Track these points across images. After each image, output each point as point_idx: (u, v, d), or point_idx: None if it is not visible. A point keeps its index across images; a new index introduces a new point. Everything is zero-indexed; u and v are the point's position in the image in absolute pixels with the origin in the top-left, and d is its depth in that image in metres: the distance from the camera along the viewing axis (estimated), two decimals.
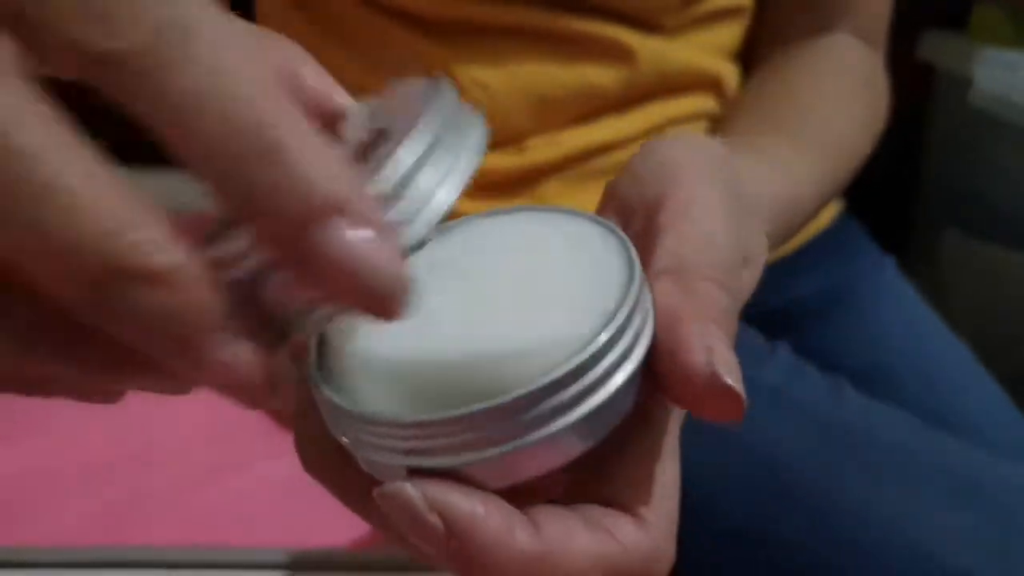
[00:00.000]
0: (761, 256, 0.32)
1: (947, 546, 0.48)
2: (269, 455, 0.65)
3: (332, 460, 0.26)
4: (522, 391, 0.22)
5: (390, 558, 0.49)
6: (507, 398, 0.22)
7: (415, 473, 0.23)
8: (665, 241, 0.27)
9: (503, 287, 0.26)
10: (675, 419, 0.27)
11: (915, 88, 1.32)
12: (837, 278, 0.73)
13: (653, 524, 0.25)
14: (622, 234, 0.27)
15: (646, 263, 0.26)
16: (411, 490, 0.22)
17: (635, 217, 0.29)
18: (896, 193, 1.39)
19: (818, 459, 0.52)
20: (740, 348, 0.59)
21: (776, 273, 0.70)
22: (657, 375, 0.25)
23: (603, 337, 0.23)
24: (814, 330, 0.70)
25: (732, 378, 0.24)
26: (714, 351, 0.24)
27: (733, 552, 0.52)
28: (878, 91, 0.63)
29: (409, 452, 0.23)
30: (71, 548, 0.48)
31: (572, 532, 0.24)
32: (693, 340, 0.24)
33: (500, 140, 0.61)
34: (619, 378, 0.24)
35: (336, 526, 0.58)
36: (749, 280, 0.31)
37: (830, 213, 0.75)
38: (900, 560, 0.48)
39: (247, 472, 0.62)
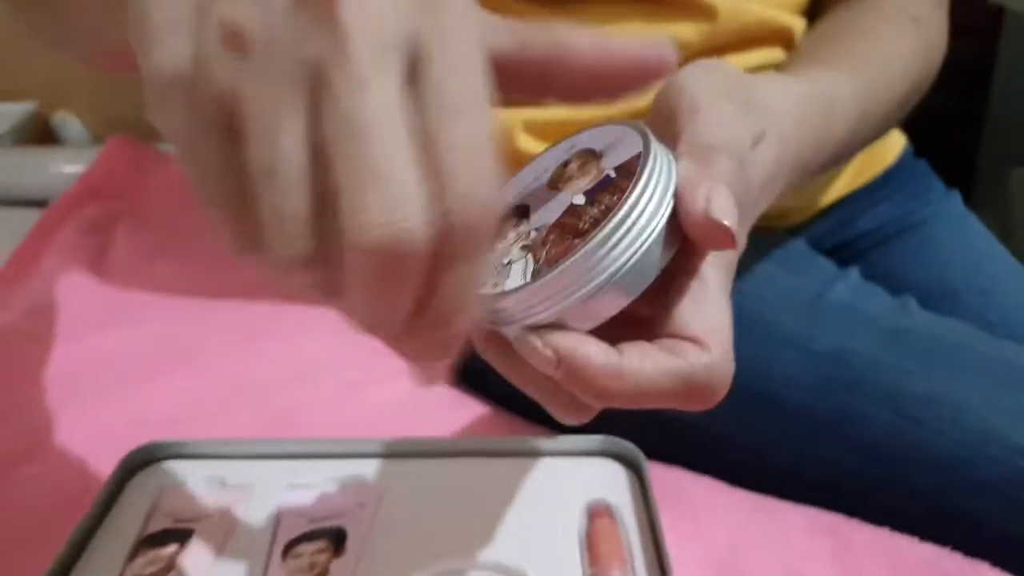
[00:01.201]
0: (776, 136, 0.39)
1: (1008, 425, 0.55)
2: (398, 374, 0.75)
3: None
4: (577, 255, 0.31)
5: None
6: (570, 260, 0.31)
7: (532, 329, 0.32)
8: (682, 135, 0.35)
9: None
10: (715, 267, 0.35)
11: (984, 29, 1.35)
12: (905, 210, 0.78)
13: (711, 346, 0.33)
14: (642, 127, 0.34)
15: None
16: (531, 337, 0.32)
17: (663, 130, 0.37)
18: (962, 133, 1.42)
19: (886, 357, 0.58)
20: (813, 271, 0.66)
21: (846, 208, 0.77)
22: (684, 227, 0.33)
23: (631, 199, 0.31)
24: (882, 258, 0.77)
25: (725, 217, 0.31)
26: (711, 199, 0.32)
27: (812, 440, 0.59)
28: (930, 30, 0.66)
29: (524, 316, 0.32)
30: (242, 440, 0.56)
31: (647, 352, 0.32)
32: (698, 193, 0.32)
33: None
34: (654, 225, 0.32)
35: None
36: (765, 152, 0.38)
37: (897, 150, 0.81)
38: (965, 437, 0.55)
39: (384, 387, 0.72)
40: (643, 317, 0.34)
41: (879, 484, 0.57)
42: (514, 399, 0.69)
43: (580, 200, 0.34)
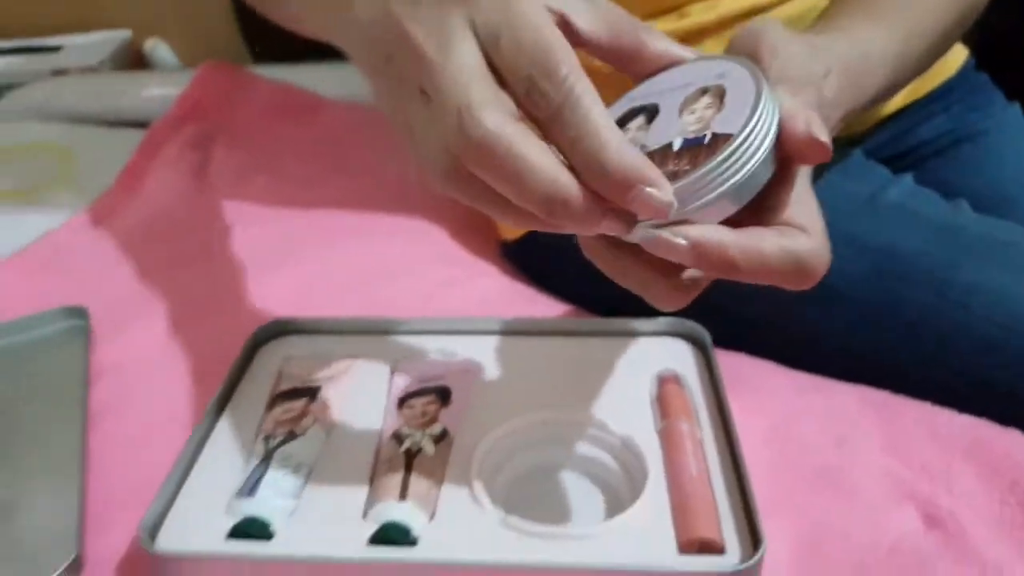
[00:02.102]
0: (836, 71, 0.46)
1: None
2: (485, 274, 0.82)
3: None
4: (705, 168, 0.37)
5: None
6: (699, 172, 0.37)
7: (659, 227, 0.38)
8: (769, 71, 0.42)
9: None
10: (804, 175, 0.42)
11: None
12: (963, 121, 0.82)
13: (814, 232, 0.40)
14: (751, 64, 0.40)
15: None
16: (663, 233, 0.37)
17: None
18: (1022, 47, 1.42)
19: (936, 251, 0.63)
20: (869, 177, 0.70)
21: (905, 119, 0.82)
22: (786, 145, 0.39)
23: (749, 125, 0.37)
24: (937, 167, 0.80)
25: (822, 135, 0.38)
26: (811, 122, 0.39)
27: (863, 325, 0.64)
28: None
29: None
30: (356, 318, 0.64)
31: (763, 234, 0.39)
32: (799, 118, 0.39)
33: (663, 9, 0.73)
34: (766, 145, 0.38)
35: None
36: (834, 84, 0.45)
37: (958, 63, 0.84)
38: (1007, 321, 0.60)
39: (468, 284, 0.79)
40: (740, 222, 0.40)
41: (924, 364, 0.62)
42: (588, 297, 0.76)
43: (705, 130, 0.39)
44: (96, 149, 1.14)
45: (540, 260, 0.83)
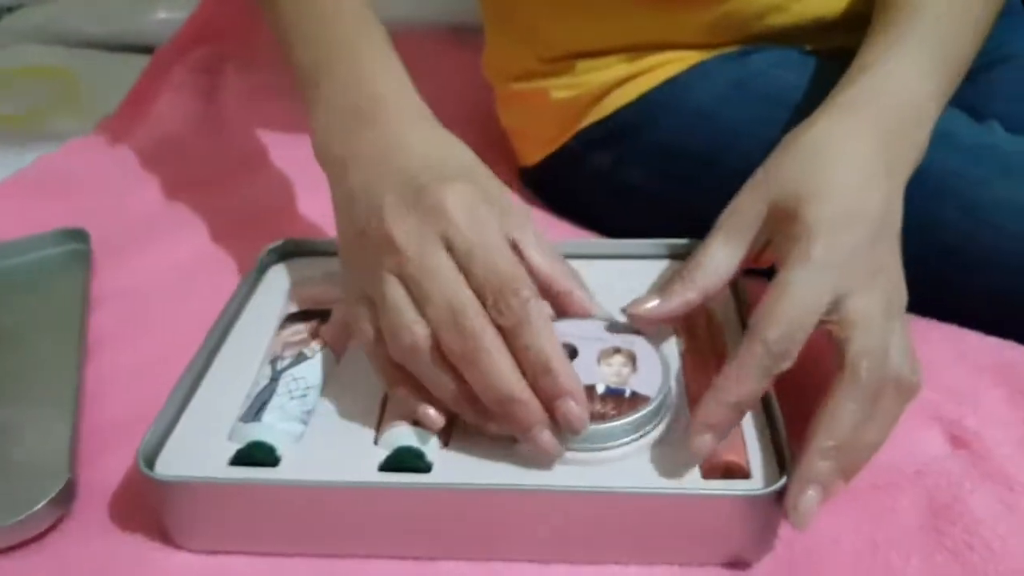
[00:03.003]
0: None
1: None
2: None
3: None
4: (632, 417, 0.46)
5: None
6: (628, 418, 0.46)
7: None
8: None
9: None
10: None
11: None
12: (994, 44, 0.77)
13: None
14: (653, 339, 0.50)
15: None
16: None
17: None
18: None
19: (965, 170, 0.61)
20: None
21: None
22: None
23: (663, 392, 0.47)
24: (967, 92, 0.76)
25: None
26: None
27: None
28: None
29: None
30: None
31: None
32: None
33: None
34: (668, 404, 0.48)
35: None
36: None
37: None
38: None
39: None
40: None
41: (953, 286, 0.60)
42: (606, 220, 0.74)
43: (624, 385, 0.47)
44: (101, 74, 1.12)
45: (558, 184, 0.81)
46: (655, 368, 0.48)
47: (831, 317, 0.44)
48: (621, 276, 0.57)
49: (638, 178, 0.73)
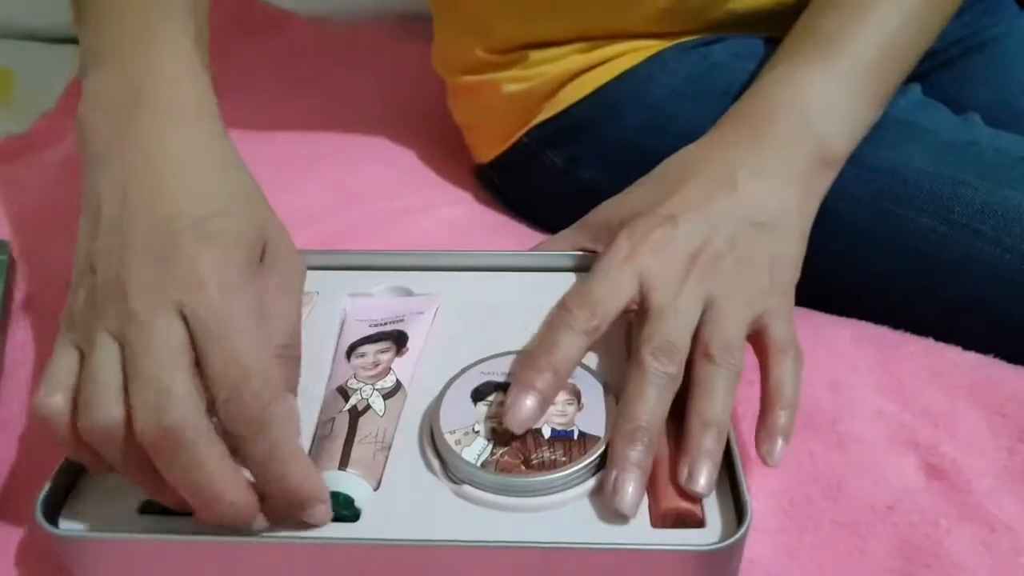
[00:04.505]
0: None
1: None
2: (456, 200, 0.76)
3: None
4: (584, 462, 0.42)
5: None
6: (581, 463, 0.42)
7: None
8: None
9: None
10: None
11: None
12: (973, 28, 0.75)
13: None
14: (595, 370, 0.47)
15: None
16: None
17: None
18: None
19: (943, 170, 0.57)
20: None
21: None
22: None
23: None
24: (946, 80, 0.73)
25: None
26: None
27: (861, 253, 0.59)
28: None
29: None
30: (304, 251, 0.57)
31: None
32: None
33: None
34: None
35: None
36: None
37: None
38: (1021, 245, 0.54)
39: (432, 212, 0.73)
40: None
41: (927, 295, 0.57)
42: (562, 218, 0.70)
43: (571, 426, 0.44)
44: (39, 69, 1.06)
45: (514, 183, 0.77)
46: (599, 403, 0.45)
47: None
48: (539, 290, 0.53)
49: (594, 177, 0.70)
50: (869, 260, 0.59)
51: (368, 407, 0.46)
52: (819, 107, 0.54)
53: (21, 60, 1.09)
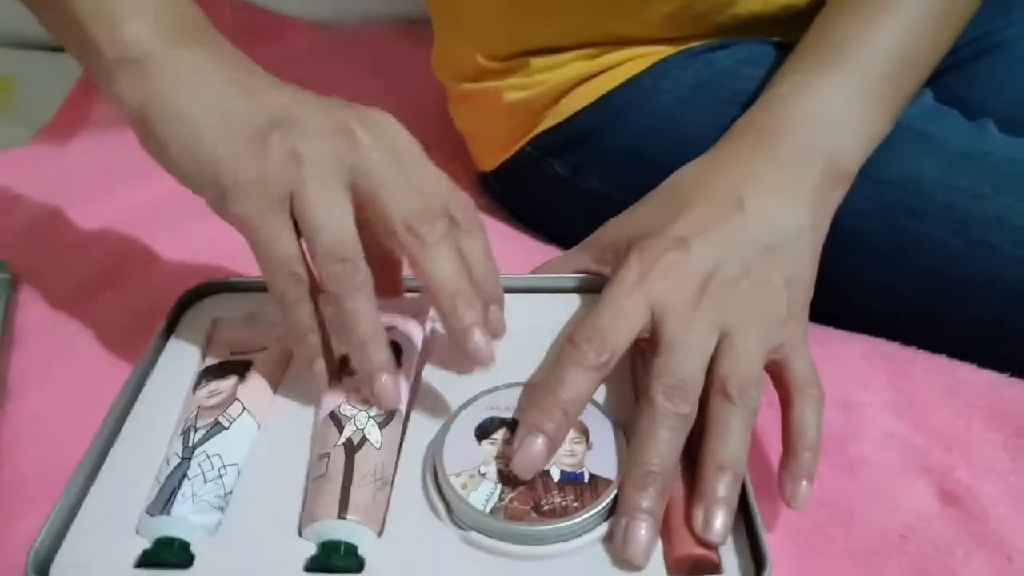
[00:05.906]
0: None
1: None
2: None
3: None
4: (596, 508, 0.40)
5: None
6: (593, 510, 0.40)
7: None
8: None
9: None
10: None
11: None
12: (985, 30, 0.72)
13: None
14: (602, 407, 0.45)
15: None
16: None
17: None
18: None
19: (957, 181, 0.55)
20: None
21: None
22: None
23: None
24: (957, 83, 0.71)
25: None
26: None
27: (872, 268, 0.58)
28: None
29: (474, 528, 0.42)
30: None
31: None
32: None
33: None
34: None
35: None
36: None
37: None
38: None
39: None
40: None
41: (940, 311, 0.56)
42: (566, 228, 0.69)
43: (581, 467, 0.42)
44: (39, 77, 1.05)
45: (517, 192, 0.76)
46: (609, 441, 0.43)
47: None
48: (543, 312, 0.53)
49: (599, 186, 0.68)
50: (879, 275, 0.57)
51: (364, 440, 0.44)
52: (831, 120, 0.52)
53: (21, 68, 1.08)
